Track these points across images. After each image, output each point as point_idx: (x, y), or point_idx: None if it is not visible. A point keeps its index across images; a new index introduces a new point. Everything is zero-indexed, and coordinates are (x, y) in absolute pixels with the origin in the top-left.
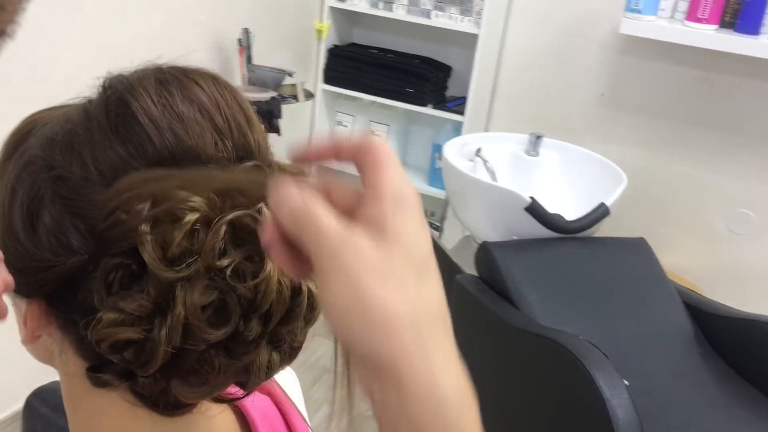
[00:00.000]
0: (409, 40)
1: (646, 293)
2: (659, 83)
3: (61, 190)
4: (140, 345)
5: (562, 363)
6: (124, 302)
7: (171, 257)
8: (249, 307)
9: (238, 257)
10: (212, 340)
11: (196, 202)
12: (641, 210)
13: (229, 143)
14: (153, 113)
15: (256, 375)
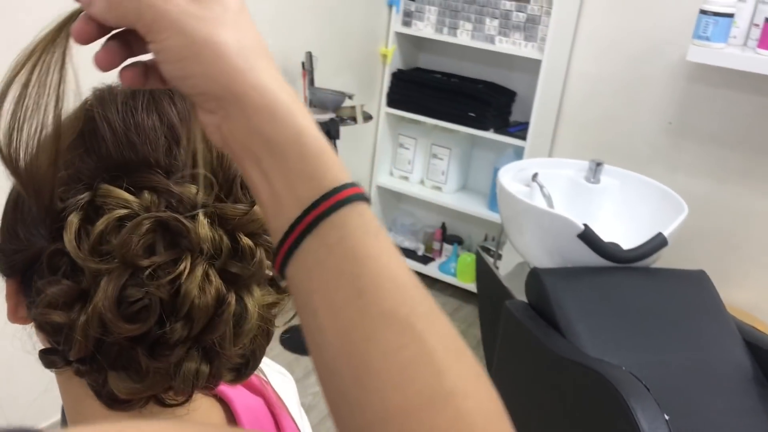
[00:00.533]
0: (473, 64)
1: (702, 328)
2: (729, 112)
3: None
4: (66, 329)
5: (602, 393)
6: (50, 286)
7: (92, 247)
8: (169, 310)
9: (160, 258)
10: (124, 334)
11: (130, 201)
12: (707, 242)
13: (181, 152)
14: (111, 119)
15: (182, 381)
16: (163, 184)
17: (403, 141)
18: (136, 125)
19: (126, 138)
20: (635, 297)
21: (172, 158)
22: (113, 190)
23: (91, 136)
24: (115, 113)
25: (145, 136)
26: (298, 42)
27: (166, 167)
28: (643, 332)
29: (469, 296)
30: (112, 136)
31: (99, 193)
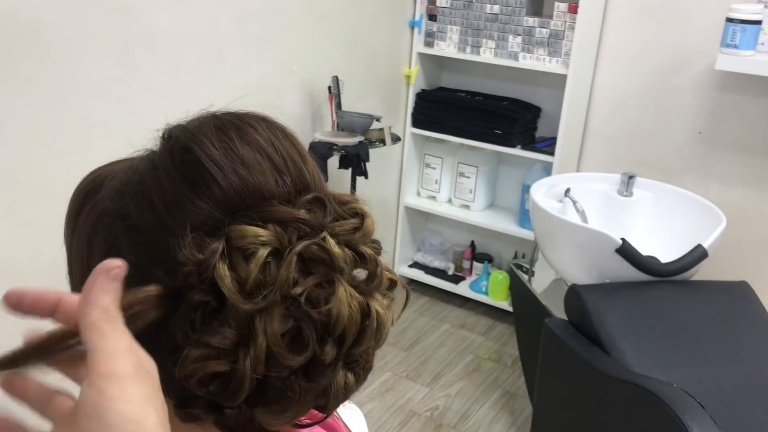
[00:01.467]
0: (496, 82)
1: (748, 340)
2: (762, 119)
3: (137, 237)
4: (227, 377)
5: (654, 412)
6: (209, 337)
7: (248, 290)
8: (324, 332)
9: (309, 284)
10: (294, 366)
11: (265, 236)
12: (744, 252)
13: (287, 179)
14: (216, 157)
15: (335, 397)
16: (285, 213)
17: (429, 161)
18: (241, 159)
19: (236, 174)
20: (678, 311)
21: (280, 186)
22: (245, 229)
23: (198, 179)
24: (214, 150)
25: (250, 168)
26: (324, 67)
27: (278, 195)
28: (689, 347)
29: (501, 314)
30: (222, 176)
31: (232, 236)
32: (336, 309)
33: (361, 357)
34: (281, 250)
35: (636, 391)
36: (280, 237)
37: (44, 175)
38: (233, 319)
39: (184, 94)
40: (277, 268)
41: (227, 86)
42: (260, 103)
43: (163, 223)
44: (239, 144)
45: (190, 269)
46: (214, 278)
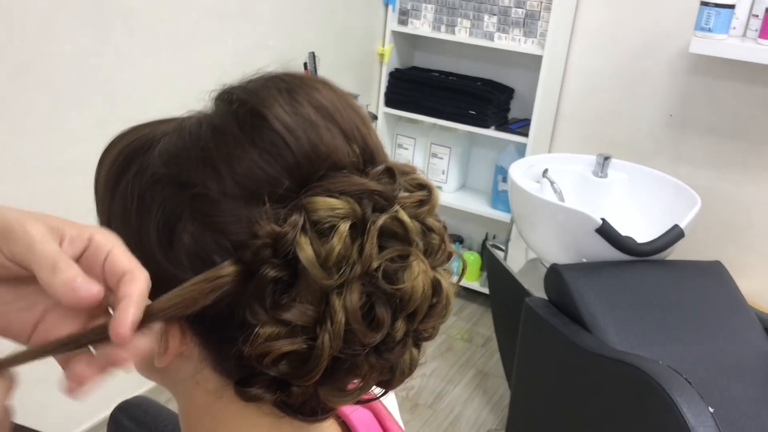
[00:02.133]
0: (470, 62)
1: (724, 318)
2: (731, 103)
3: (200, 207)
4: (302, 355)
5: (641, 389)
6: (286, 314)
7: (330, 265)
8: (398, 307)
9: (385, 259)
10: (372, 343)
11: (341, 209)
12: (711, 233)
13: (356, 147)
14: (288, 122)
15: (401, 373)
16: (360, 185)
17: (402, 141)
18: (312, 125)
19: (308, 141)
20: (657, 290)
21: (350, 154)
22: (321, 200)
23: (268, 146)
24: (284, 114)
25: (322, 134)
26: (300, 43)
27: (348, 164)
28: (669, 325)
29: (472, 295)
30: (295, 142)
31: (309, 208)
32: (411, 284)
33: (427, 332)
34: (359, 224)
35: (622, 368)
36: (355, 209)
37: (15, 150)
38: (310, 295)
39: (160, 67)
40: (355, 243)
41: (203, 60)
42: (234, 79)
43: (230, 193)
44: (308, 108)
45: (264, 242)
46: (289, 252)
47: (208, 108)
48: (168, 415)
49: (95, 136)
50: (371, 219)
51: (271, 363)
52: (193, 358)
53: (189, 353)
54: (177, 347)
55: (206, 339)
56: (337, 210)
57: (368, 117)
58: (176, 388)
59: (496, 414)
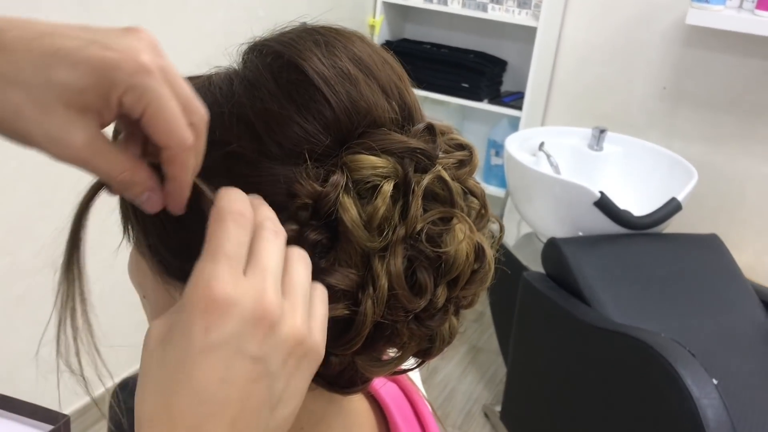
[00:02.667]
0: (461, 34)
1: (721, 291)
2: (725, 75)
3: (234, 167)
4: (343, 322)
5: (644, 361)
6: (330, 278)
7: (374, 227)
8: (440, 272)
9: (427, 222)
10: (416, 309)
11: (384, 168)
12: (705, 207)
13: (394, 104)
14: (327, 75)
15: (441, 341)
16: (402, 143)
17: None
18: (350, 79)
19: (347, 96)
20: (654, 263)
21: (388, 111)
22: (363, 159)
23: (307, 100)
24: (323, 67)
25: (361, 89)
26: (291, 14)
27: (388, 121)
28: (667, 298)
29: None
30: (335, 97)
31: (351, 167)
32: (454, 249)
33: (467, 300)
34: (402, 184)
35: (625, 341)
36: (397, 169)
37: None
38: (352, 259)
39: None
40: (396, 204)
41: (193, 31)
42: (227, 49)
43: (266, 152)
44: (347, 62)
45: (304, 203)
46: (330, 214)
47: (236, 64)
48: None
49: None
50: (414, 179)
51: None
52: None
53: None
54: None
55: None
56: (379, 169)
57: (405, 73)
58: None
59: (490, 389)
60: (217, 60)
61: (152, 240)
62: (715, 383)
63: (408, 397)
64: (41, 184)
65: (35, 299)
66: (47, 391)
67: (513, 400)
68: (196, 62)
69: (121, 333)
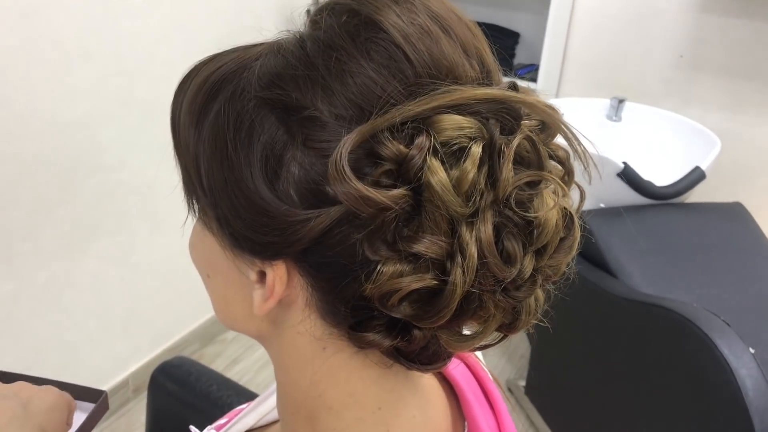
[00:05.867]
0: (473, 6)
1: (748, 259)
2: (744, 42)
3: (311, 133)
4: (430, 294)
5: (677, 332)
6: (418, 245)
7: (464, 191)
8: (529, 240)
9: (516, 186)
10: (508, 278)
11: (469, 128)
12: (725, 176)
13: (475, 62)
14: (406, 31)
15: (527, 314)
16: (487, 97)
17: None
18: (430, 36)
19: (429, 53)
20: (680, 233)
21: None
22: (447, 118)
23: (387, 60)
24: (401, 22)
25: (442, 47)
26: None
27: (470, 80)
28: (695, 268)
29: None
30: (416, 55)
31: (436, 128)
32: (544, 214)
33: (553, 270)
34: (487, 146)
35: (656, 311)
36: (483, 129)
37: (20, 107)
38: (439, 226)
39: (163, 17)
40: (483, 167)
41: (203, 9)
42: (238, 27)
43: (345, 115)
44: (426, 18)
45: (388, 168)
46: (416, 178)
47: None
48: (211, 374)
49: (98, 91)
50: (501, 141)
51: (397, 303)
52: (299, 304)
53: (293, 297)
54: (282, 291)
55: (317, 279)
56: (466, 129)
57: (482, 33)
58: (270, 338)
59: (513, 363)
60: (230, 38)
61: (222, 212)
62: (753, 352)
63: (474, 374)
64: (60, 170)
65: (59, 286)
66: (73, 376)
67: (538, 375)
68: (207, 40)
69: None
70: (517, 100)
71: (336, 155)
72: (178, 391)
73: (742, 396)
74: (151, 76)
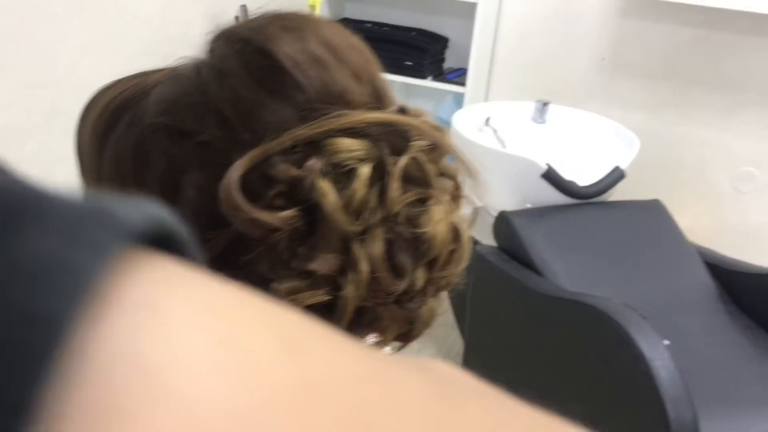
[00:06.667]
0: (401, 12)
1: (666, 254)
2: (661, 45)
3: (206, 157)
4: (327, 307)
5: (597, 326)
6: (310, 264)
7: (353, 210)
8: (419, 254)
9: (405, 203)
10: (397, 291)
11: (360, 150)
12: (645, 173)
13: (366, 87)
14: (298, 60)
15: (422, 324)
16: (376, 121)
17: None
18: (321, 63)
19: (319, 79)
20: (601, 231)
21: (361, 94)
22: (342, 143)
23: (278, 86)
24: (293, 52)
25: (332, 73)
26: None
27: (361, 105)
28: (615, 264)
29: None
30: (306, 81)
31: (327, 150)
32: (432, 229)
33: (445, 281)
34: (379, 166)
35: (578, 307)
36: (373, 151)
37: None
38: (332, 244)
39: (83, 25)
40: (373, 186)
41: (129, 17)
42: (164, 36)
43: (238, 140)
44: (318, 46)
45: (281, 190)
46: (307, 198)
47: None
48: None
49: (24, 101)
50: (390, 161)
51: None
52: None
53: None
54: None
55: None
56: (355, 152)
57: (374, 58)
58: None
59: (451, 359)
60: (156, 47)
61: None
62: (667, 343)
63: None
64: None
65: None
66: None
67: (471, 371)
68: (134, 49)
69: None
70: (405, 123)
71: (226, 179)
72: None
73: (657, 385)
74: (76, 86)
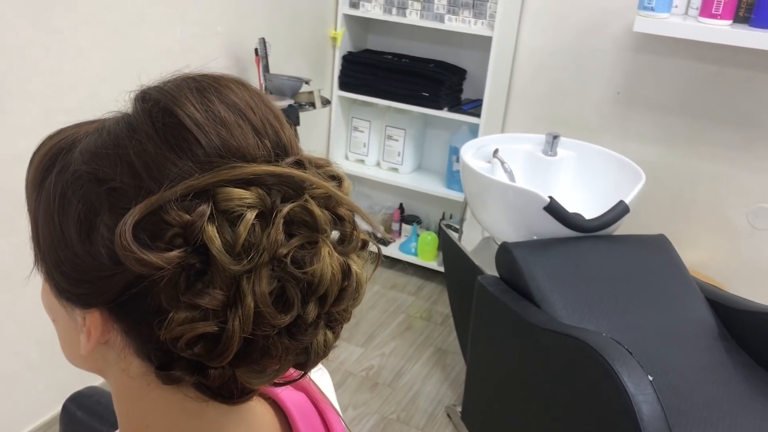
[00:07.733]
0: (422, 44)
1: (668, 289)
2: (675, 80)
3: (116, 201)
4: (214, 337)
5: (585, 360)
6: (198, 299)
7: (237, 252)
8: (307, 291)
9: (294, 245)
10: (281, 325)
11: (250, 199)
12: (660, 207)
13: (267, 142)
14: (198, 119)
15: (316, 354)
16: (265, 173)
17: (357, 124)
18: (222, 121)
19: (218, 136)
20: (602, 264)
21: (260, 148)
22: (231, 191)
23: (180, 142)
24: (195, 112)
25: (232, 130)
26: (249, 29)
27: (259, 157)
28: (614, 298)
29: (431, 274)
30: (205, 138)
31: (218, 198)
32: (320, 269)
33: (340, 315)
34: (267, 212)
35: (567, 341)
36: (264, 199)
37: None
38: (221, 281)
39: (106, 57)
40: (264, 230)
41: (150, 49)
42: (183, 66)
43: (144, 187)
44: (219, 106)
45: (176, 232)
46: (200, 240)
47: (127, 108)
48: None
49: (43, 128)
50: (279, 208)
51: (185, 345)
52: (117, 345)
53: (113, 340)
54: (99, 335)
55: (127, 325)
56: (245, 199)
57: (282, 114)
58: (106, 374)
59: (454, 389)
60: None
61: (48, 266)
62: (651, 379)
63: (316, 406)
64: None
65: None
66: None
67: (472, 400)
68: (153, 79)
69: None
70: (296, 175)
71: (121, 223)
72: (87, 419)
73: (638, 421)
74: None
